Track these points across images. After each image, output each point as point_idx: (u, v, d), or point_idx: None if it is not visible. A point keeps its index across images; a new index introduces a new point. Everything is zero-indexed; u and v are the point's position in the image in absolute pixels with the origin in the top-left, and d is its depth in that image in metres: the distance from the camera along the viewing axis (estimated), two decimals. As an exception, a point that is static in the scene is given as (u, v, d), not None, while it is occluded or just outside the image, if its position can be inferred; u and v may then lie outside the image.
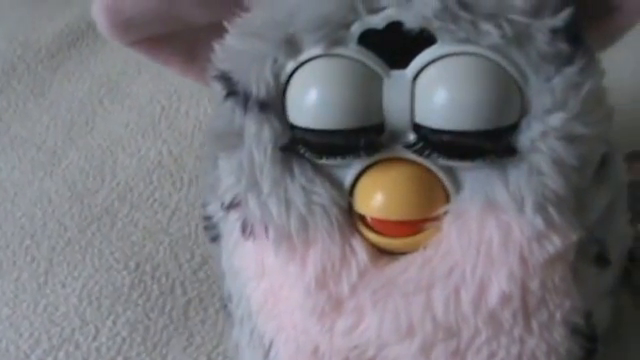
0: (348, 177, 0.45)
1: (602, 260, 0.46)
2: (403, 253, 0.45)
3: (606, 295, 0.49)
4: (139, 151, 0.80)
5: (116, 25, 0.49)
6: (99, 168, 0.78)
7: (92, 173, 0.78)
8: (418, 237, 0.44)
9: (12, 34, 1.00)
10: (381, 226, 0.45)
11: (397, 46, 0.43)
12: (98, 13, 0.49)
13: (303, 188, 0.44)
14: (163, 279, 0.65)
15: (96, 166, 0.79)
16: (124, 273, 0.66)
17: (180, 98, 0.86)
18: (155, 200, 0.74)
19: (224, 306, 0.53)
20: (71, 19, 1.01)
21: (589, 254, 0.45)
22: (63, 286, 0.66)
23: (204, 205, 0.53)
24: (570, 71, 0.42)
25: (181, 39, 0.51)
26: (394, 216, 0.44)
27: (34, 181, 0.78)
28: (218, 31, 0.46)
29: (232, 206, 0.47)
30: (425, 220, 0.44)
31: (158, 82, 0.88)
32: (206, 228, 0.53)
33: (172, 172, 0.76)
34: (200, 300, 0.64)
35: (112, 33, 0.49)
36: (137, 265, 0.67)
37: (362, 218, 0.45)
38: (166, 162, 0.78)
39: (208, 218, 0.52)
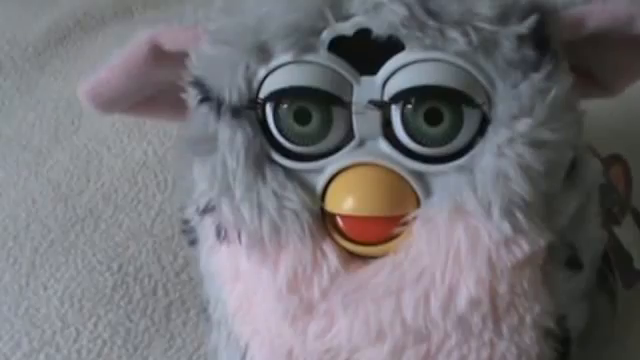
0: (320, 182, 0.45)
1: (574, 264, 0.47)
2: (374, 257, 0.45)
3: (581, 298, 0.49)
4: (124, 152, 0.80)
5: (100, 106, 0.54)
6: (84, 168, 0.78)
7: (77, 173, 0.78)
8: (389, 245, 0.45)
9: (-1, 31, 1.00)
10: (352, 227, 0.45)
11: (366, 53, 0.43)
12: (83, 98, 0.53)
13: (275, 193, 0.45)
14: (145, 281, 0.65)
15: (81, 166, 0.78)
16: (107, 275, 0.66)
17: (166, 98, 0.85)
18: (139, 201, 0.74)
19: (204, 309, 0.53)
20: (58, 17, 1.00)
21: (560, 258, 0.46)
22: (45, 288, 0.66)
23: (182, 208, 0.53)
24: (537, 77, 0.42)
25: (166, 95, 0.53)
26: (364, 212, 0.44)
27: (19, 181, 0.77)
28: None
29: (207, 211, 0.48)
30: (395, 219, 0.44)
31: (144, 82, 0.88)
32: (184, 232, 0.53)
33: (156, 173, 0.76)
34: (182, 302, 0.64)
35: (100, 112, 0.54)
36: (120, 267, 0.67)
37: (334, 224, 0.45)
38: (151, 163, 0.78)
39: (186, 222, 0.52)
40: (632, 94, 0.54)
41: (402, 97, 0.43)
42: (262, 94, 0.45)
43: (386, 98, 0.43)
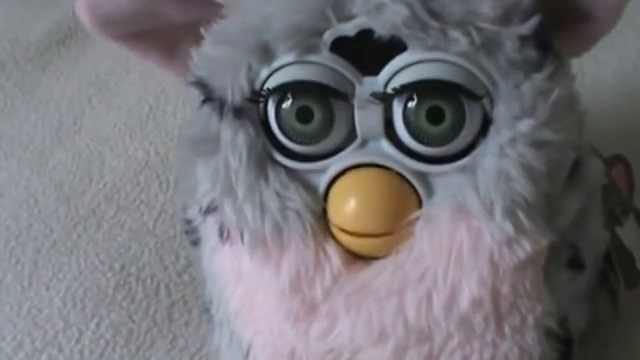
0: (322, 182, 0.45)
1: (576, 264, 0.47)
2: (376, 257, 0.45)
3: (582, 299, 0.49)
4: (126, 152, 0.80)
5: (96, 20, 0.50)
6: (86, 169, 0.78)
7: (79, 174, 0.78)
8: (391, 238, 0.44)
9: (1, 31, 1.00)
10: (354, 233, 0.45)
11: (369, 53, 0.43)
12: (80, 9, 0.50)
13: (277, 193, 0.45)
14: (148, 281, 0.66)
15: (83, 167, 0.79)
16: (109, 275, 0.66)
17: (168, 98, 0.86)
18: (142, 201, 0.74)
19: (206, 310, 0.53)
20: (60, 17, 1.01)
21: (562, 258, 0.46)
22: (47, 288, 0.66)
23: (184, 209, 0.53)
24: (539, 77, 0.42)
25: (160, 37, 0.52)
26: (365, 229, 0.44)
27: (21, 181, 0.78)
28: (197, 31, 0.47)
29: (209, 211, 0.47)
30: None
31: (146, 82, 0.88)
32: (186, 232, 0.53)
33: (159, 173, 0.76)
34: (184, 303, 0.64)
35: (93, 28, 0.50)
36: (122, 267, 0.67)
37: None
38: (153, 163, 0.78)
39: (188, 222, 0.52)
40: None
41: (404, 91, 0.43)
42: (265, 90, 0.45)
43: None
